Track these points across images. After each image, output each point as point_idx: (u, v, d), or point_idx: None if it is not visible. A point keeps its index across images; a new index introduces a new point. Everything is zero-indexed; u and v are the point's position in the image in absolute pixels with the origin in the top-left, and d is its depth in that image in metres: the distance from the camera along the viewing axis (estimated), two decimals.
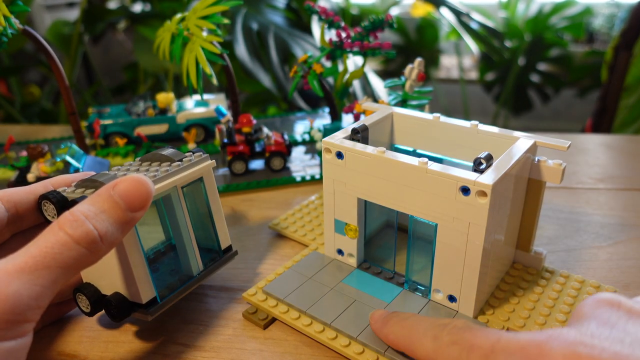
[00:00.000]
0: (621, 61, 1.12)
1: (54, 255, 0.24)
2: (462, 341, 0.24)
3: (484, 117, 2.03)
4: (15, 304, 0.22)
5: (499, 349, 0.22)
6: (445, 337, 0.24)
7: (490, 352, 0.22)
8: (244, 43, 0.93)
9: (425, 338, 0.26)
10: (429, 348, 0.25)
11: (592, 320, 0.21)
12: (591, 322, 0.21)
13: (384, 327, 0.29)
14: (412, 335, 0.27)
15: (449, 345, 0.24)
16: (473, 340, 0.23)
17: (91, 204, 0.26)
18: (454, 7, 1.19)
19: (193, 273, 0.35)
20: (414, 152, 0.40)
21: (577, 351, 0.19)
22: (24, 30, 0.50)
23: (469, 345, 0.23)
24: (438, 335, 0.25)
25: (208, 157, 0.35)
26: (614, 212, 0.48)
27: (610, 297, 0.22)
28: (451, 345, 0.24)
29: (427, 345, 0.25)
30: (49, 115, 1.43)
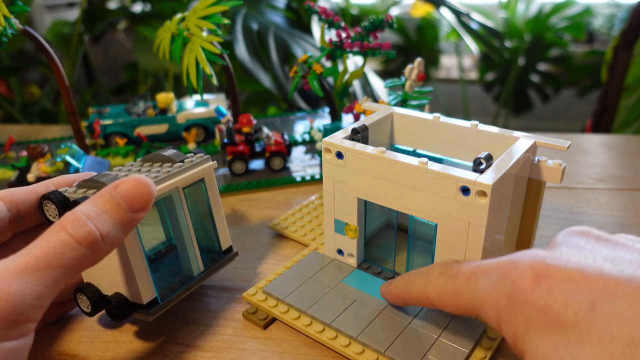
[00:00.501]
0: (621, 61, 1.12)
1: (55, 255, 0.24)
2: (449, 271, 0.27)
3: (484, 117, 2.03)
4: (17, 303, 0.22)
5: (479, 270, 0.25)
6: (435, 270, 0.28)
7: (472, 274, 0.25)
8: (244, 43, 0.93)
9: (419, 277, 0.29)
10: (422, 282, 0.28)
11: (563, 245, 0.23)
12: (563, 246, 0.23)
13: (389, 285, 0.32)
14: (409, 279, 0.30)
15: (438, 277, 0.27)
16: (458, 269, 0.26)
17: (93, 205, 0.26)
18: (454, 7, 1.19)
19: (194, 274, 0.35)
20: (414, 152, 0.40)
21: (545, 262, 0.21)
22: (24, 30, 0.50)
23: (454, 273, 0.26)
24: (429, 271, 0.28)
25: (209, 158, 0.35)
26: (614, 212, 0.48)
27: (582, 228, 0.24)
28: (440, 276, 0.27)
29: (420, 281, 0.28)
30: (49, 115, 1.43)
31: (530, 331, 0.21)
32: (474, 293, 0.24)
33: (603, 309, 0.19)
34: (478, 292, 0.24)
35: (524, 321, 0.21)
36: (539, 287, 0.21)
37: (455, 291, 0.25)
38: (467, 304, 0.25)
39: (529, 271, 0.21)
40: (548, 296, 0.20)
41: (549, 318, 0.20)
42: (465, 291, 0.25)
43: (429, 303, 0.28)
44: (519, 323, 0.21)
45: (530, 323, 0.21)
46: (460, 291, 0.25)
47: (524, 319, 0.21)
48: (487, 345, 0.30)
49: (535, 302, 0.21)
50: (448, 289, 0.26)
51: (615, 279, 0.19)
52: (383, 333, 0.31)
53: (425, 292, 0.28)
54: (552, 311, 0.20)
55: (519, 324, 0.21)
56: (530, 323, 0.21)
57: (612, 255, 0.21)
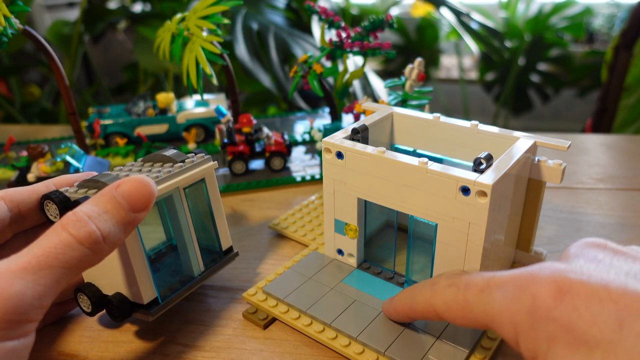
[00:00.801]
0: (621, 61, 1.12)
1: (57, 255, 0.24)
2: (459, 282, 0.25)
3: (484, 117, 2.03)
4: (18, 303, 0.22)
5: (494, 283, 0.23)
6: (443, 281, 0.26)
7: (486, 286, 0.24)
8: (244, 43, 0.93)
9: (424, 288, 0.28)
10: (428, 293, 0.27)
11: (580, 257, 0.22)
12: (580, 258, 0.22)
13: (392, 301, 0.31)
14: (413, 291, 0.28)
15: (446, 288, 0.26)
16: (469, 279, 0.25)
17: (94, 205, 0.26)
18: (454, 7, 1.19)
19: (194, 274, 0.35)
20: (414, 152, 0.40)
21: (567, 276, 0.21)
22: (24, 30, 0.50)
23: (465, 284, 0.25)
24: (436, 282, 0.27)
25: (210, 159, 0.35)
26: (614, 212, 0.48)
27: (597, 240, 0.24)
28: (448, 287, 0.26)
29: (426, 292, 0.27)
30: (49, 115, 1.43)
31: (553, 349, 0.20)
32: (488, 305, 0.23)
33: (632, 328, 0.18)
34: (493, 304, 0.23)
35: (546, 338, 0.20)
36: (562, 303, 0.20)
37: (466, 303, 0.24)
38: (479, 317, 0.24)
39: (551, 285, 0.21)
40: (572, 313, 0.20)
41: (574, 336, 0.19)
42: (477, 303, 0.24)
43: (435, 315, 0.26)
44: (541, 340, 0.21)
45: (553, 340, 0.20)
46: (472, 303, 0.24)
47: (546, 335, 0.20)
48: (487, 345, 0.30)
49: (558, 319, 0.20)
50: (458, 300, 0.25)
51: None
52: (383, 333, 0.31)
53: (432, 303, 0.26)
54: (577, 329, 0.19)
55: (541, 340, 0.21)
56: (553, 340, 0.20)
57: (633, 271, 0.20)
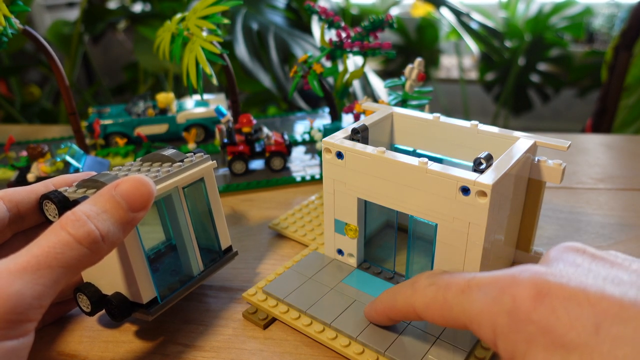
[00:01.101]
0: (621, 61, 1.12)
1: (56, 254, 0.24)
2: (439, 282, 0.26)
3: (484, 117, 2.03)
4: (17, 303, 0.22)
5: (474, 283, 0.24)
6: (423, 280, 0.27)
7: (466, 287, 0.24)
8: (244, 43, 0.93)
9: (404, 287, 0.28)
10: (408, 293, 0.27)
11: (560, 261, 0.23)
12: (559, 262, 0.23)
13: (373, 303, 0.31)
14: (394, 291, 0.29)
15: (426, 287, 0.26)
16: (449, 279, 0.25)
17: (93, 204, 0.26)
18: (454, 7, 1.19)
19: (193, 273, 0.35)
20: (414, 152, 0.40)
21: (546, 279, 0.21)
22: (24, 30, 0.50)
23: (446, 283, 0.25)
24: (416, 281, 0.27)
25: (209, 158, 0.35)
26: (614, 212, 0.48)
27: (576, 244, 0.24)
28: (428, 286, 0.26)
29: (407, 292, 0.27)
30: (49, 115, 1.43)
31: (530, 351, 0.20)
32: (467, 306, 0.23)
33: (608, 332, 0.18)
34: (472, 305, 0.23)
35: (525, 340, 0.21)
36: (541, 305, 0.20)
37: (446, 303, 0.24)
38: (458, 317, 0.24)
39: (530, 288, 0.21)
40: (551, 315, 0.20)
41: (551, 338, 0.20)
42: (457, 303, 0.24)
43: (415, 315, 0.26)
44: (519, 341, 0.21)
45: (531, 342, 0.20)
46: (451, 303, 0.24)
47: (524, 337, 0.21)
48: (487, 345, 0.30)
49: (537, 321, 0.20)
50: (438, 300, 0.25)
51: (619, 302, 0.19)
52: (383, 333, 0.31)
53: (411, 302, 0.26)
54: (555, 331, 0.20)
55: (519, 342, 0.21)
56: (531, 342, 0.20)
57: (611, 276, 0.21)
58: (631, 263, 0.22)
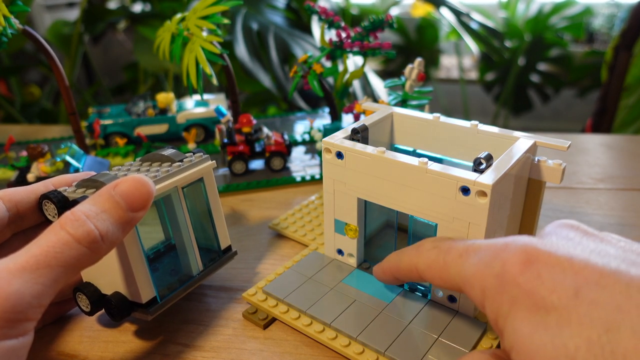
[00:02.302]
0: (621, 61, 1.12)
1: (55, 254, 0.24)
2: (442, 245, 0.27)
3: (484, 117, 2.03)
4: (16, 302, 0.22)
5: (472, 249, 0.25)
6: (427, 244, 0.28)
7: (464, 251, 0.25)
8: (244, 43, 0.93)
9: (410, 249, 0.30)
10: (412, 254, 0.29)
11: (552, 234, 0.24)
12: (552, 235, 0.24)
13: (382, 263, 0.32)
14: (401, 252, 0.31)
15: (430, 250, 0.28)
16: (451, 244, 0.27)
17: (92, 204, 0.26)
18: (454, 7, 1.19)
19: (193, 273, 0.35)
20: (414, 152, 0.40)
21: (536, 247, 0.22)
22: (24, 30, 0.50)
23: (447, 247, 0.27)
24: (421, 244, 0.29)
25: (209, 158, 0.35)
26: (614, 212, 0.48)
27: (572, 221, 0.25)
28: (432, 249, 0.28)
29: (411, 253, 0.29)
30: (49, 115, 1.43)
31: (513, 311, 0.22)
32: (462, 268, 0.25)
33: (586, 296, 0.20)
34: (467, 268, 0.25)
35: (509, 301, 0.22)
36: (528, 270, 0.22)
37: (445, 264, 0.26)
38: (454, 279, 0.26)
39: (520, 254, 0.22)
40: (536, 280, 0.21)
41: (534, 301, 0.21)
42: (454, 266, 0.26)
43: (417, 275, 0.28)
44: (504, 302, 0.22)
45: (514, 303, 0.22)
46: (450, 265, 0.26)
47: (509, 298, 0.22)
48: (487, 345, 0.30)
49: (522, 284, 0.21)
50: (438, 261, 0.27)
51: (600, 270, 0.20)
52: (383, 333, 0.31)
53: (414, 263, 0.28)
54: (538, 294, 0.21)
55: (503, 303, 0.22)
56: (515, 303, 0.22)
57: (598, 249, 0.22)
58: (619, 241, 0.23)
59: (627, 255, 0.21)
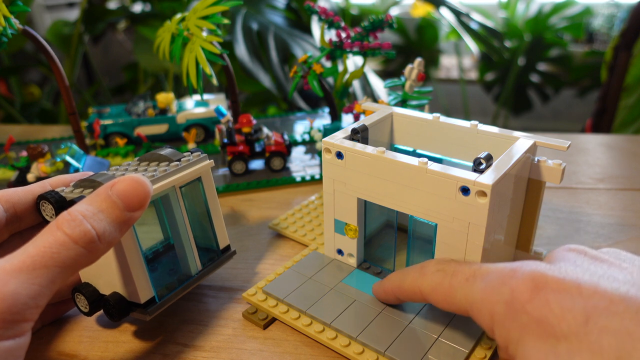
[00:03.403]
0: (621, 61, 1.11)
1: (52, 254, 0.24)
2: (447, 268, 0.27)
3: (484, 117, 2.03)
4: (13, 303, 0.22)
5: (479, 273, 0.25)
6: (432, 266, 0.28)
7: (471, 276, 0.25)
8: (244, 43, 0.93)
9: (413, 270, 0.29)
10: (416, 276, 0.29)
11: (560, 261, 0.24)
12: (560, 262, 0.24)
13: (382, 282, 0.32)
14: (403, 273, 0.30)
15: (434, 272, 0.28)
16: (457, 268, 0.27)
17: (89, 204, 0.26)
18: (454, 7, 1.19)
19: (191, 273, 0.35)
20: (414, 152, 0.40)
21: (545, 273, 0.22)
22: (24, 30, 0.50)
23: (453, 271, 0.27)
24: (424, 265, 0.29)
25: (206, 157, 0.35)
26: (614, 212, 0.48)
27: (578, 246, 0.25)
28: (436, 272, 0.27)
29: (415, 275, 0.29)
30: (49, 115, 1.43)
31: (523, 338, 0.22)
32: (470, 293, 0.25)
33: (596, 323, 0.19)
34: (474, 293, 0.25)
35: (518, 328, 0.22)
36: (536, 297, 0.22)
37: (451, 288, 0.26)
38: (461, 303, 0.25)
39: (529, 282, 0.22)
40: (544, 307, 0.21)
41: (543, 328, 0.21)
42: (461, 290, 0.25)
43: (421, 297, 0.28)
44: (513, 329, 0.22)
45: (524, 331, 0.22)
46: (456, 289, 0.26)
47: (518, 325, 0.22)
48: (487, 345, 0.30)
49: (531, 312, 0.21)
50: (444, 284, 0.26)
51: (610, 296, 0.20)
52: (383, 333, 0.30)
53: (419, 285, 0.28)
54: (547, 322, 0.21)
55: (513, 330, 0.22)
56: (525, 331, 0.21)
57: (607, 274, 0.22)
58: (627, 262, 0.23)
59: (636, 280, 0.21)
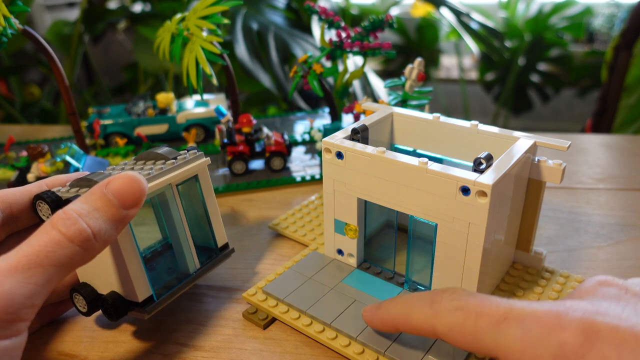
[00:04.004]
0: (621, 61, 1.11)
1: (47, 253, 0.24)
2: (468, 307, 0.23)
3: (484, 117, 2.03)
4: (8, 302, 0.22)
5: (512, 316, 0.22)
6: (447, 302, 0.24)
7: (503, 319, 0.22)
8: (244, 43, 0.93)
9: (422, 305, 0.25)
10: (428, 313, 0.25)
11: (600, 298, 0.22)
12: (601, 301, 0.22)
13: (378, 311, 0.28)
14: (407, 306, 0.26)
15: (452, 311, 0.24)
16: (481, 307, 0.23)
17: (84, 202, 0.26)
18: (454, 7, 1.19)
19: (190, 271, 0.35)
20: (414, 152, 0.40)
21: (596, 321, 0.20)
22: (24, 30, 0.50)
23: (477, 312, 0.23)
24: (437, 300, 0.25)
25: (203, 155, 0.35)
26: (614, 212, 0.48)
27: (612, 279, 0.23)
28: (454, 311, 0.24)
29: (425, 311, 0.25)
30: (49, 115, 1.43)
31: None
32: (503, 342, 0.22)
33: None
34: (510, 342, 0.22)
35: None
36: (591, 351, 0.20)
37: (476, 332, 0.23)
38: (490, 348, 0.22)
39: (579, 334, 0.20)
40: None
41: None
42: (490, 335, 0.22)
43: (433, 335, 0.25)
44: None
45: None
46: (483, 333, 0.22)
47: None
48: None
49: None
50: (467, 326, 0.23)
51: None
52: (383, 333, 0.30)
53: (432, 323, 0.25)
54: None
55: None
56: None
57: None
58: None
59: None
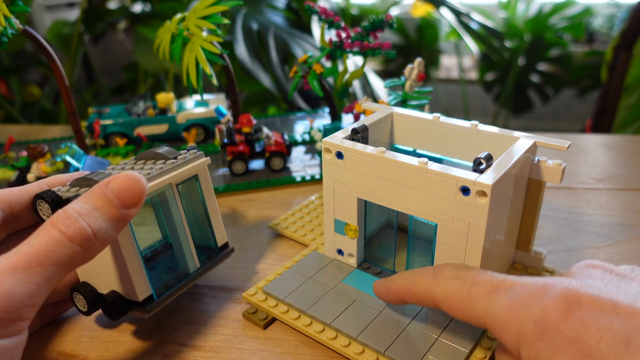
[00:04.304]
0: (621, 61, 1.11)
1: (47, 253, 0.24)
2: (466, 277, 0.25)
3: (484, 117, 2.03)
4: (9, 302, 0.22)
5: (503, 286, 0.24)
6: (447, 272, 0.26)
7: (495, 289, 0.24)
8: (244, 43, 0.93)
9: (425, 274, 0.27)
10: (429, 280, 0.27)
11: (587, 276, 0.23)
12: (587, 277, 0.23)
13: (386, 281, 0.30)
14: (413, 275, 0.28)
15: (451, 279, 0.26)
16: (477, 277, 0.25)
17: (84, 202, 0.26)
18: (454, 7, 1.19)
19: (190, 271, 0.35)
20: (414, 152, 0.40)
21: (579, 291, 0.21)
22: (24, 30, 0.50)
23: (473, 280, 0.25)
24: (438, 270, 0.27)
25: (203, 155, 0.35)
26: (614, 212, 0.48)
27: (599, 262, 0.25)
28: (453, 279, 0.26)
29: (427, 278, 0.27)
30: (49, 115, 1.43)
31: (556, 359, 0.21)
32: (491, 307, 0.23)
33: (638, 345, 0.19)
34: (497, 308, 0.23)
35: (550, 349, 0.21)
36: (570, 317, 0.21)
37: (470, 298, 0.24)
38: (480, 315, 0.24)
39: (561, 300, 0.21)
40: (580, 327, 0.20)
41: (579, 349, 0.20)
42: (481, 301, 0.24)
43: (432, 302, 0.27)
44: (544, 349, 0.21)
45: (556, 351, 0.21)
46: (475, 300, 0.24)
47: (550, 346, 0.21)
48: (487, 345, 0.30)
49: (565, 332, 0.21)
50: (462, 293, 0.25)
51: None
52: (383, 333, 0.30)
53: (432, 290, 0.26)
54: (584, 342, 0.20)
55: (543, 350, 0.21)
56: (557, 351, 0.21)
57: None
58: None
59: None
